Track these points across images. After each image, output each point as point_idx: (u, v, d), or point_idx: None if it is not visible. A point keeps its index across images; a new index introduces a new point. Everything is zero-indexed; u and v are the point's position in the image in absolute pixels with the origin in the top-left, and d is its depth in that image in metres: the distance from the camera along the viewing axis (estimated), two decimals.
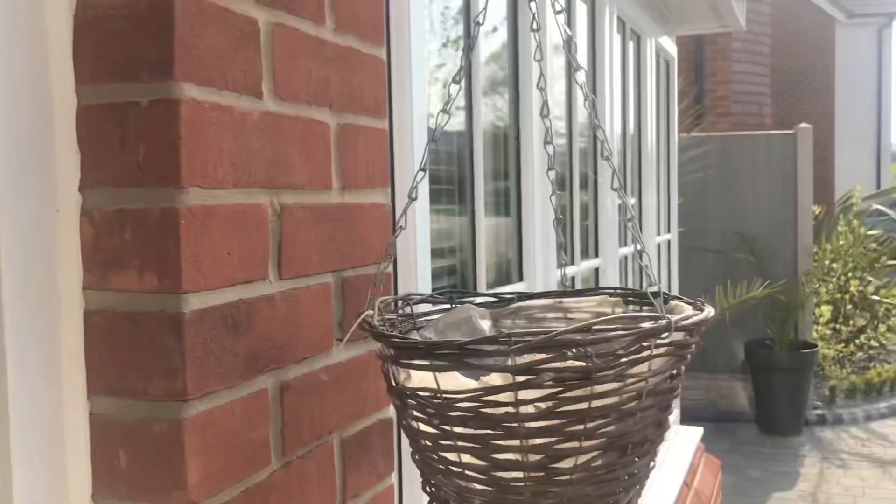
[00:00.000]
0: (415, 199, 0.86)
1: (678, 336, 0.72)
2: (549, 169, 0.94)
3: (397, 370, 0.76)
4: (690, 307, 0.83)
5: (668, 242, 3.46)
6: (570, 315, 0.97)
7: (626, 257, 2.76)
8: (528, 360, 0.67)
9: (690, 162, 6.02)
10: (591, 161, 2.54)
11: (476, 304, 0.96)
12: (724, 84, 9.37)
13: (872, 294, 7.56)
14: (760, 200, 6.64)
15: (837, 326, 7.69)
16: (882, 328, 7.74)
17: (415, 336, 0.89)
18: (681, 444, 3.35)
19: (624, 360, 0.67)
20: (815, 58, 15.65)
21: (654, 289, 0.78)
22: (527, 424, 0.68)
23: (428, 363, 0.71)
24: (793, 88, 15.39)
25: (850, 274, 7.45)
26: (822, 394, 6.77)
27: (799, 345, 6.27)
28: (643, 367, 0.69)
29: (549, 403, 0.68)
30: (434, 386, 0.72)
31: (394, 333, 0.84)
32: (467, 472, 0.74)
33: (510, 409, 0.68)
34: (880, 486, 4.99)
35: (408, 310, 0.95)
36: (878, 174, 20.80)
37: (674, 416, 3.36)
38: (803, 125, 6.63)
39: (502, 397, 0.68)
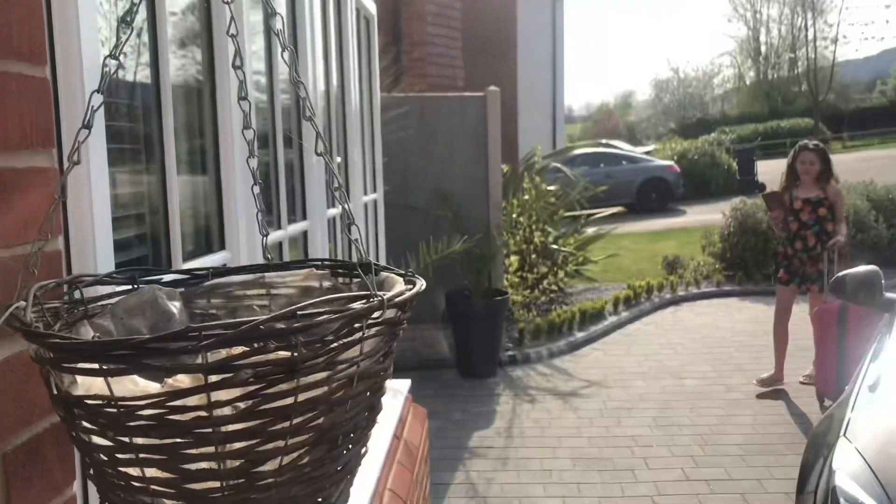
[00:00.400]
0: (77, 164, 0.71)
1: (391, 313, 0.67)
2: (245, 128, 0.84)
3: (59, 375, 0.62)
4: (401, 280, 0.79)
5: (375, 202, 3.49)
6: (273, 291, 0.88)
7: (334, 218, 2.71)
8: (222, 356, 0.57)
9: (392, 121, 6.13)
10: (296, 118, 2.43)
11: (164, 284, 0.83)
12: (421, 46, 9.68)
13: (552, 244, 8.38)
14: (457, 160, 7.00)
15: (524, 274, 8.42)
16: (561, 274, 8.62)
17: (86, 327, 0.75)
18: (390, 397, 3.43)
19: (334, 346, 0.60)
20: (500, 25, 16.76)
21: (366, 264, 0.72)
22: (223, 429, 0.59)
23: (97, 366, 0.58)
24: (480, 53, 16.37)
25: (533, 226, 8.17)
26: (513, 336, 7.39)
27: (492, 293, 6.76)
28: (354, 351, 0.63)
29: (250, 403, 0.59)
30: (107, 392, 0.59)
31: (50, 332, 0.69)
32: (154, 486, 0.63)
33: (202, 414, 0.58)
34: (563, 415, 5.58)
35: (78, 295, 0.80)
36: (553, 135, 23.08)
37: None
38: (492, 88, 7.07)
39: (192, 400, 0.58)
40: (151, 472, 0.61)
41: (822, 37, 26.78)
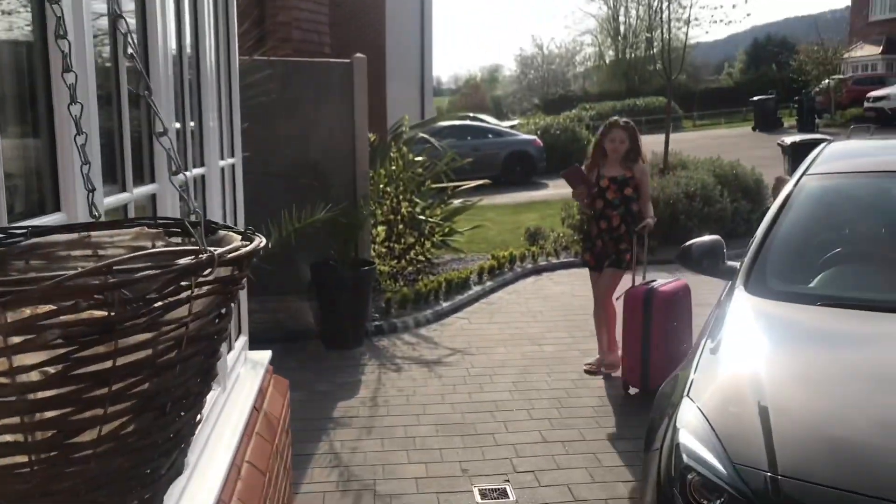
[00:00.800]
0: None
1: (225, 271, 0.63)
2: (65, 71, 0.76)
3: None
4: (240, 237, 0.74)
5: (233, 167, 3.35)
6: (101, 252, 0.81)
7: (187, 183, 2.59)
8: (27, 315, 0.52)
9: (254, 86, 5.91)
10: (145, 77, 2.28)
11: None
12: (286, 10, 9.38)
13: (419, 214, 8.41)
14: (323, 127, 6.86)
15: (391, 244, 8.42)
16: (427, 244, 8.68)
17: None
18: (250, 369, 3.35)
19: (158, 304, 0.55)
20: None
21: (194, 218, 0.68)
22: (30, 396, 0.53)
23: None
24: (348, 21, 16.09)
25: (401, 196, 8.16)
26: (380, 306, 7.39)
27: (359, 263, 6.71)
28: (182, 311, 0.59)
29: (60, 367, 0.54)
30: None
31: None
32: None
33: (3, 381, 0.52)
34: (428, 383, 5.64)
35: None
36: (422, 106, 23.12)
37: (242, 342, 3.33)
38: (358, 55, 6.95)
39: None
40: None
41: (676, 18, 28.11)
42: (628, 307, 5.19)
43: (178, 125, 2.48)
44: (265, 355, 3.57)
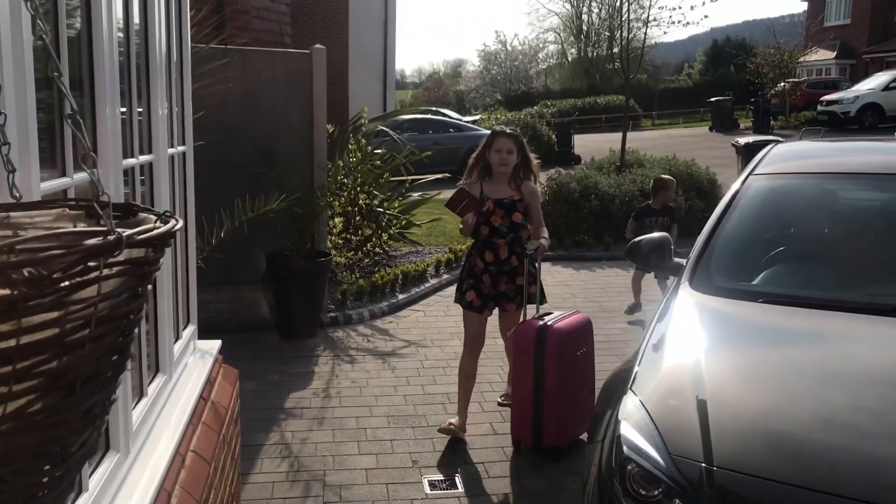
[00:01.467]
0: None
1: (138, 253, 0.64)
2: None
3: None
4: (157, 219, 0.75)
5: (183, 155, 3.32)
6: (21, 233, 0.81)
7: (132, 169, 2.55)
8: None
9: (210, 74, 5.85)
10: (87, 63, 2.25)
11: None
12: None
13: (377, 206, 8.40)
14: (280, 117, 6.81)
15: (348, 236, 8.40)
16: (385, 236, 8.68)
17: None
18: (198, 358, 3.32)
19: (63, 284, 0.56)
20: None
21: (104, 199, 0.68)
22: None
23: None
24: (311, 13, 15.98)
25: (359, 188, 8.15)
26: (336, 298, 7.37)
27: (315, 254, 6.68)
28: (91, 292, 0.59)
29: None
30: None
31: None
32: None
33: None
34: (381, 375, 5.65)
35: None
36: (384, 99, 23.04)
37: (190, 331, 3.29)
38: (318, 46, 6.92)
39: None
40: None
41: (636, 18, 28.46)
42: (518, 347, 4.29)
43: (123, 110, 2.45)
44: (214, 345, 3.55)
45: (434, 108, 24.29)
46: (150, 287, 0.69)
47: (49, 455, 0.62)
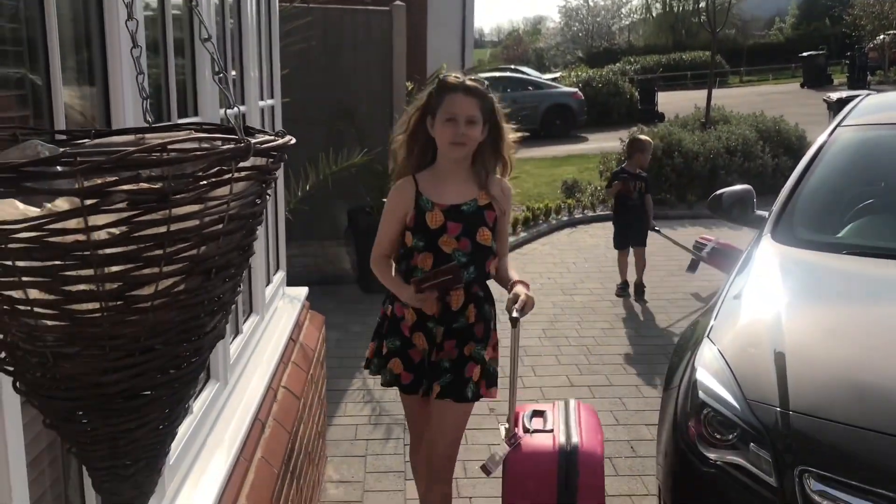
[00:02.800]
0: None
1: (261, 161, 0.74)
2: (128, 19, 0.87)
3: None
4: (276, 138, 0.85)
5: (272, 108, 3.47)
6: None
7: (224, 120, 2.71)
8: (98, 183, 0.63)
9: (293, 32, 6.00)
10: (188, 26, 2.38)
11: (44, 141, 0.86)
12: None
13: None
14: (360, 74, 6.93)
15: None
16: None
17: None
18: (287, 303, 3.51)
19: (203, 182, 0.66)
20: None
21: (235, 110, 0.78)
22: (100, 252, 0.65)
23: None
24: None
25: None
26: None
27: None
28: (224, 191, 0.69)
29: (124, 228, 0.65)
30: None
31: None
32: (36, 308, 0.69)
33: (80, 237, 0.64)
34: None
35: None
36: (462, 57, 22.96)
37: (279, 276, 3.48)
38: (398, 3, 6.98)
39: (71, 224, 0.64)
40: (34, 293, 0.67)
41: None
42: (524, 490, 2.60)
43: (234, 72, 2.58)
44: (302, 291, 3.73)
45: (513, 66, 24.07)
46: (268, 197, 0.79)
47: (189, 331, 0.74)
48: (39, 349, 0.68)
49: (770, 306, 2.88)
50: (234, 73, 2.91)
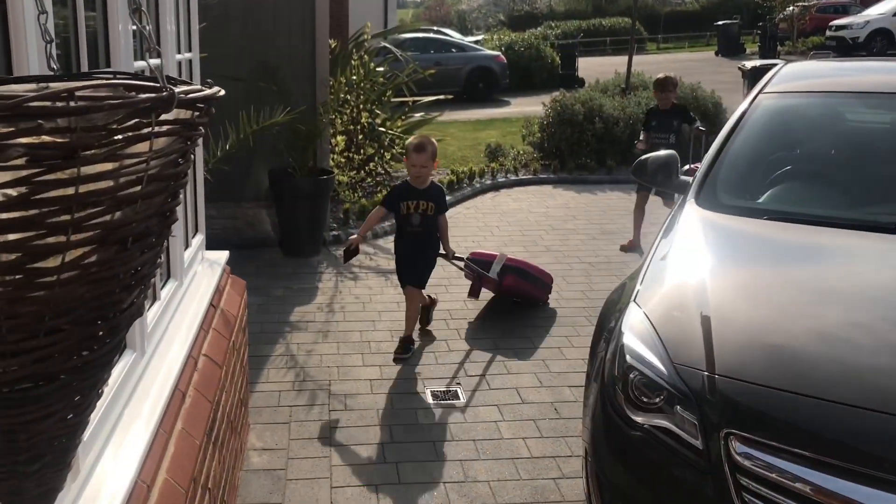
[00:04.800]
0: None
1: (185, 114, 0.64)
2: None
3: None
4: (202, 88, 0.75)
5: (190, 62, 3.28)
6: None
7: (142, 72, 2.53)
8: None
9: None
10: None
11: None
12: None
13: (380, 126, 8.32)
14: (282, 32, 6.68)
15: (351, 155, 8.35)
16: (387, 156, 8.63)
17: None
18: (207, 267, 3.36)
19: (119, 136, 0.57)
20: None
21: (155, 61, 0.68)
22: None
23: None
24: None
25: (361, 106, 8.05)
26: (338, 216, 7.39)
27: (318, 172, 6.66)
28: (143, 147, 0.60)
29: (24, 189, 0.55)
30: None
31: None
32: None
33: None
34: (384, 291, 5.72)
35: None
36: (385, 18, 22.57)
37: (198, 240, 3.32)
38: None
39: None
40: None
41: None
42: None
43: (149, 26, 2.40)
44: (222, 255, 3.58)
45: (435, 28, 23.79)
46: (191, 159, 0.70)
47: (102, 309, 0.64)
48: None
49: (694, 270, 2.92)
50: (148, 26, 2.73)
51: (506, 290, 5.30)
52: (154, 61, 0.64)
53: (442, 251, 4.85)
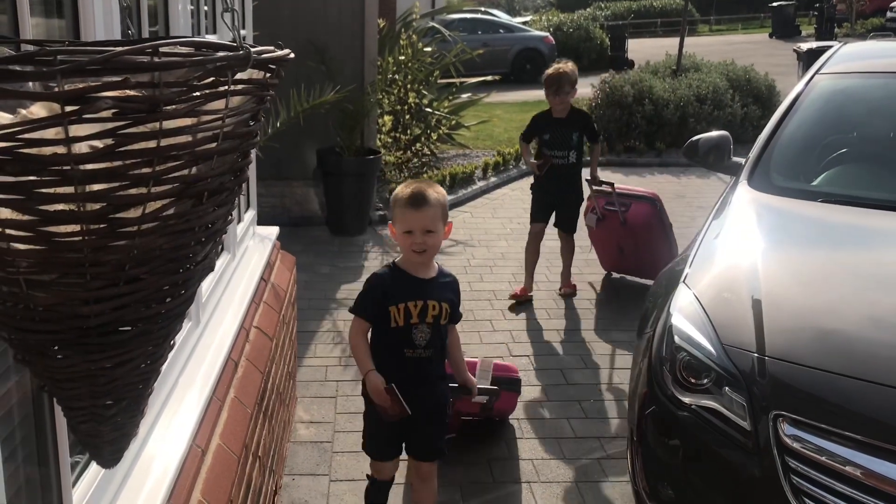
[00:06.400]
0: None
1: (258, 75, 0.67)
2: None
3: None
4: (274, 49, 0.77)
5: (244, 39, 3.35)
6: None
7: None
8: (80, 87, 0.55)
9: None
10: None
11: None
12: None
13: (427, 106, 8.33)
14: (331, 11, 6.72)
15: (397, 135, 8.38)
16: (433, 137, 8.65)
17: None
18: (258, 242, 3.42)
19: (198, 93, 0.59)
20: None
21: (229, 16, 0.71)
22: (82, 167, 0.58)
23: None
24: None
25: (409, 86, 8.07)
26: (384, 196, 7.43)
27: (364, 152, 6.71)
28: (220, 104, 0.62)
29: (110, 141, 0.58)
30: None
31: None
32: (8, 230, 0.61)
33: (60, 149, 0.57)
34: None
35: None
36: None
37: (250, 215, 3.39)
38: None
39: (49, 134, 0.56)
40: (5, 213, 0.59)
41: None
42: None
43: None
44: (273, 230, 3.65)
45: (483, 9, 23.64)
46: (261, 120, 0.72)
47: (178, 260, 0.67)
48: (11, 276, 0.61)
49: (746, 253, 2.88)
50: (205, 8, 2.78)
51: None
52: (229, 15, 0.67)
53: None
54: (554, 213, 5.24)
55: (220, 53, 0.59)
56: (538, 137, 5.20)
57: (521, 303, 5.14)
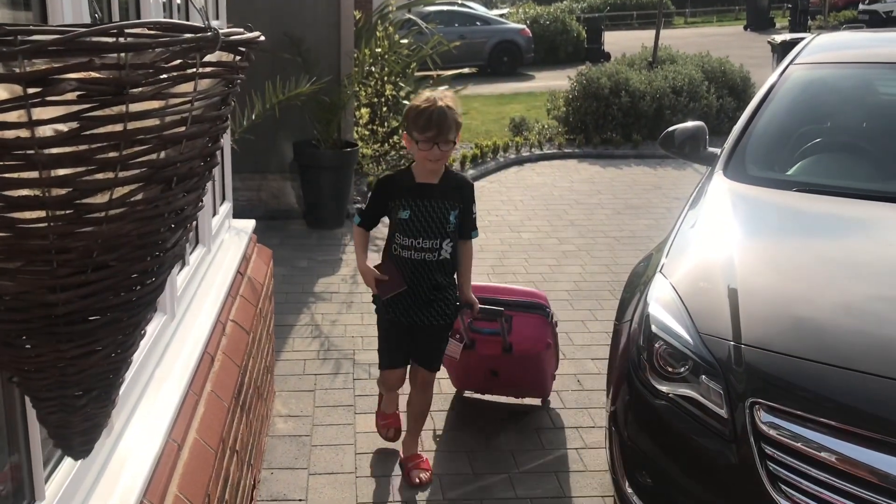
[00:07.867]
0: None
1: (227, 57, 0.65)
2: None
3: None
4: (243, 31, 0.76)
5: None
6: None
7: None
8: (43, 68, 0.54)
9: None
10: None
11: None
12: None
13: (404, 98, 8.29)
14: (307, 2, 6.67)
15: (374, 127, 8.34)
16: None
17: None
18: (234, 235, 3.39)
19: (165, 75, 0.58)
20: None
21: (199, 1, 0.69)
22: (47, 151, 0.56)
23: None
24: None
25: (385, 79, 8.03)
26: (361, 189, 7.40)
27: (342, 144, 6.67)
28: (188, 87, 0.61)
29: (75, 124, 0.56)
30: None
31: None
32: None
33: (23, 133, 0.55)
34: None
35: None
36: None
37: (226, 208, 3.35)
38: None
39: (12, 117, 0.54)
40: None
41: None
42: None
43: None
44: (249, 224, 3.61)
45: (460, 1, 23.60)
46: (231, 105, 0.71)
47: (147, 247, 0.66)
48: None
49: (722, 242, 2.90)
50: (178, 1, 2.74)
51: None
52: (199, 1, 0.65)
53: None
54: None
55: (188, 35, 0.58)
56: (390, 217, 3.11)
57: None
